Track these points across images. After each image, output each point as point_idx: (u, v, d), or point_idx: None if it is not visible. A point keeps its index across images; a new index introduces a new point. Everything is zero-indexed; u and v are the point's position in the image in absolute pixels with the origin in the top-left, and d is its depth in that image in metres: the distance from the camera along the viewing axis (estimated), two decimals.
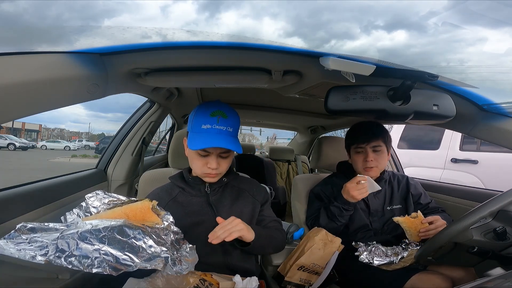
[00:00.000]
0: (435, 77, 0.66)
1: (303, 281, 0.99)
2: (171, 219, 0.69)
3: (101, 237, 0.53)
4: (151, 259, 0.54)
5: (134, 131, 1.48)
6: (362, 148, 1.14)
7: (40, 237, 0.52)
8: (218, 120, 0.81)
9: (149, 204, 0.64)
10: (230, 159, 0.87)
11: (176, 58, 0.76)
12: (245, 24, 25.41)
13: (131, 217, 0.60)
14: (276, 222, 0.97)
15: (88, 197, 0.67)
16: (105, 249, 0.52)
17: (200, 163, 0.84)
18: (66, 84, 0.61)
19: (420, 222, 0.95)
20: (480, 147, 2.94)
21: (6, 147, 16.39)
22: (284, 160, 2.83)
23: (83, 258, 0.50)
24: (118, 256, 0.52)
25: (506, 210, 0.69)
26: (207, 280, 0.73)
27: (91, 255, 0.51)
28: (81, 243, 0.51)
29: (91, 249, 0.51)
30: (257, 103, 1.96)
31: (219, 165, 0.83)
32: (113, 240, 0.53)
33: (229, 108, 0.85)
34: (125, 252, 0.53)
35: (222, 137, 0.80)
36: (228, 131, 0.82)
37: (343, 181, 1.20)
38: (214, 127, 0.80)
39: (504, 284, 0.55)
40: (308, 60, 0.77)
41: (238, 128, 0.87)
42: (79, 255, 0.50)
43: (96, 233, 0.54)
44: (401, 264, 0.96)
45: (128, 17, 2.05)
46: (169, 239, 0.62)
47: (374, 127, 1.16)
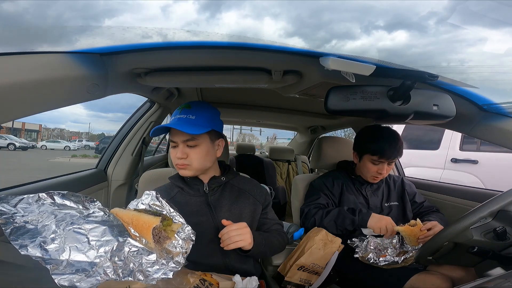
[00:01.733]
0: (435, 77, 0.66)
1: (303, 281, 0.99)
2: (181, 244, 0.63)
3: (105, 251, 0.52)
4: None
5: (134, 131, 1.48)
6: (381, 162, 1.12)
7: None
8: (181, 111, 0.86)
9: (154, 223, 0.58)
10: (199, 149, 0.84)
11: (176, 58, 0.76)
12: (246, 24, 25.36)
13: (133, 226, 0.59)
14: (278, 225, 0.96)
15: (145, 193, 0.67)
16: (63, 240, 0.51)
17: (172, 155, 0.86)
18: (66, 84, 0.61)
19: (419, 229, 0.95)
20: (480, 147, 2.94)
21: (6, 147, 16.38)
22: (284, 160, 2.83)
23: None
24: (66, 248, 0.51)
25: (506, 210, 0.69)
26: (207, 280, 0.73)
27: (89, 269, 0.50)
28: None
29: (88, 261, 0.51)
30: (257, 103, 1.96)
31: (186, 155, 0.83)
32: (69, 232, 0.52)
33: (199, 102, 0.89)
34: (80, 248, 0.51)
35: (176, 122, 0.83)
36: (189, 119, 0.83)
37: (344, 175, 1.24)
38: (176, 117, 0.85)
39: (504, 284, 0.55)
40: (308, 60, 0.77)
41: (208, 117, 0.86)
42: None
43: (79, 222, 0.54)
44: (402, 264, 0.96)
45: (129, 17, 2.05)
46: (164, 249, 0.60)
47: (398, 142, 1.12)
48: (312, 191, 1.25)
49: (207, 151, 0.86)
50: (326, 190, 1.20)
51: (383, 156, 1.10)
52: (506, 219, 0.70)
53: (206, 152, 0.86)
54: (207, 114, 0.87)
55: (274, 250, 0.92)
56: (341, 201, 1.19)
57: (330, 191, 1.20)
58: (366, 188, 1.20)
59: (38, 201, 0.56)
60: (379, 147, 1.11)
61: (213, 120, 0.88)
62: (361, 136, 1.23)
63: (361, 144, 1.20)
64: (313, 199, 1.19)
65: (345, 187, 1.20)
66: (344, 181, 1.22)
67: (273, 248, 0.91)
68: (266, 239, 0.86)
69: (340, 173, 1.27)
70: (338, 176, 1.25)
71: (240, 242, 0.74)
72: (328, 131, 2.66)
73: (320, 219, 1.10)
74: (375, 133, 1.17)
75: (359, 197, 1.18)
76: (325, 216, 1.10)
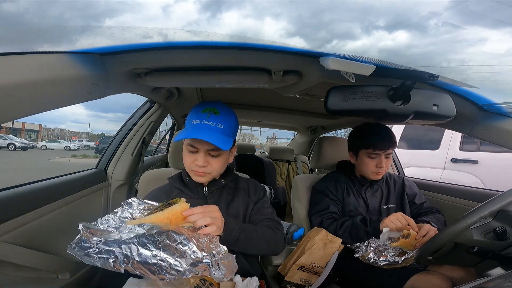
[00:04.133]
0: (435, 77, 0.66)
1: (303, 281, 0.99)
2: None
3: (155, 242, 0.55)
4: (196, 264, 0.56)
5: (134, 131, 1.48)
6: (377, 154, 1.13)
7: (103, 243, 0.53)
8: (209, 116, 0.79)
9: (186, 205, 0.63)
10: (221, 158, 0.82)
11: (176, 58, 0.76)
12: (247, 24, 25.28)
13: (173, 221, 0.60)
14: (271, 221, 0.88)
15: (125, 203, 0.66)
16: (161, 255, 0.53)
17: (189, 159, 0.82)
18: (66, 84, 0.61)
19: (414, 238, 0.94)
20: (480, 147, 2.94)
21: (6, 147, 16.39)
22: (284, 160, 2.83)
23: (144, 264, 0.52)
24: (171, 262, 0.53)
25: (506, 210, 0.69)
26: (207, 280, 0.73)
27: (150, 261, 0.52)
28: (141, 249, 0.53)
29: (149, 255, 0.53)
30: (257, 103, 1.96)
31: (208, 163, 0.80)
32: (166, 245, 0.55)
33: (224, 107, 0.83)
34: (175, 258, 0.54)
35: (207, 132, 0.77)
36: (217, 127, 0.78)
37: (344, 177, 1.23)
38: (203, 122, 0.78)
39: (504, 284, 0.55)
40: (308, 60, 0.77)
41: (233, 127, 0.83)
42: (140, 261, 0.52)
43: (151, 238, 0.55)
44: (402, 264, 0.96)
45: (129, 17, 2.05)
46: (204, 242, 0.61)
47: (389, 133, 1.14)
48: (317, 197, 1.22)
49: (226, 160, 0.85)
50: (332, 195, 1.18)
51: (377, 147, 1.11)
52: (506, 219, 0.70)
53: (225, 161, 0.85)
54: (233, 123, 0.84)
55: (265, 246, 0.81)
56: (343, 204, 1.18)
57: (335, 195, 1.19)
58: (366, 190, 1.20)
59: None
60: (371, 140, 1.13)
61: (236, 128, 0.85)
62: (352, 135, 1.26)
63: (353, 142, 1.23)
64: (323, 208, 1.16)
65: (346, 190, 1.20)
66: (345, 183, 1.22)
67: (262, 244, 0.80)
68: (245, 227, 0.78)
69: (340, 175, 1.26)
70: (339, 178, 1.24)
71: (213, 227, 0.65)
72: (328, 131, 2.66)
73: (335, 232, 1.07)
74: (365, 129, 1.20)
75: (359, 200, 1.18)
76: (339, 228, 1.08)
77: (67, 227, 1.02)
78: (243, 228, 0.77)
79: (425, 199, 1.24)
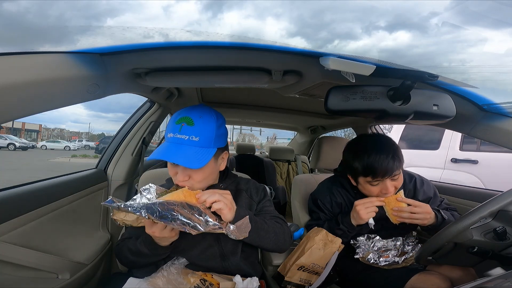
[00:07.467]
0: (435, 77, 0.66)
1: (303, 281, 0.99)
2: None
3: (173, 209, 0.63)
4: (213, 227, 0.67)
5: (134, 131, 1.48)
6: (379, 181, 0.94)
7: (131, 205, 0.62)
8: (181, 128, 0.72)
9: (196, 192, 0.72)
10: (203, 171, 0.75)
11: (176, 58, 0.76)
12: (248, 25, 25.30)
13: (187, 198, 0.68)
14: (276, 218, 0.89)
15: (143, 189, 0.69)
16: (179, 217, 0.63)
17: (171, 172, 0.77)
18: (66, 84, 0.61)
19: (395, 199, 0.85)
20: (480, 147, 2.94)
21: (6, 147, 16.41)
22: (284, 160, 2.83)
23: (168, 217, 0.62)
24: (189, 222, 0.63)
25: (506, 210, 0.69)
26: (207, 280, 0.73)
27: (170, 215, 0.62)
28: (162, 212, 0.61)
29: (169, 216, 0.62)
30: (257, 103, 1.96)
31: (189, 177, 0.74)
32: (182, 213, 0.63)
33: (203, 113, 0.75)
34: (194, 220, 0.64)
35: (178, 148, 0.71)
36: (191, 141, 0.71)
37: (343, 192, 1.12)
38: (176, 136, 0.72)
39: (504, 284, 0.55)
40: (308, 60, 0.77)
41: (213, 136, 0.75)
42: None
43: (169, 205, 0.63)
44: (402, 264, 0.97)
45: (130, 17, 2.05)
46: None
47: (391, 151, 0.92)
48: (312, 207, 1.18)
49: (211, 171, 0.78)
50: (326, 209, 1.12)
51: (376, 174, 0.91)
52: (506, 219, 0.70)
53: (210, 172, 0.78)
54: (212, 129, 0.75)
55: (268, 232, 0.80)
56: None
57: (331, 211, 1.12)
58: None
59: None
60: (368, 164, 0.92)
61: (218, 136, 0.76)
62: (346, 154, 1.04)
63: (349, 164, 1.00)
64: (315, 220, 1.14)
65: (343, 206, 1.12)
66: (342, 197, 1.11)
67: (268, 231, 0.80)
68: (255, 217, 0.79)
69: (337, 186, 1.13)
70: (335, 193, 1.12)
71: (218, 204, 0.68)
72: (328, 131, 2.67)
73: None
74: (359, 147, 0.98)
75: None
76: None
77: (67, 227, 1.02)
78: (253, 218, 0.78)
79: (441, 200, 1.11)
